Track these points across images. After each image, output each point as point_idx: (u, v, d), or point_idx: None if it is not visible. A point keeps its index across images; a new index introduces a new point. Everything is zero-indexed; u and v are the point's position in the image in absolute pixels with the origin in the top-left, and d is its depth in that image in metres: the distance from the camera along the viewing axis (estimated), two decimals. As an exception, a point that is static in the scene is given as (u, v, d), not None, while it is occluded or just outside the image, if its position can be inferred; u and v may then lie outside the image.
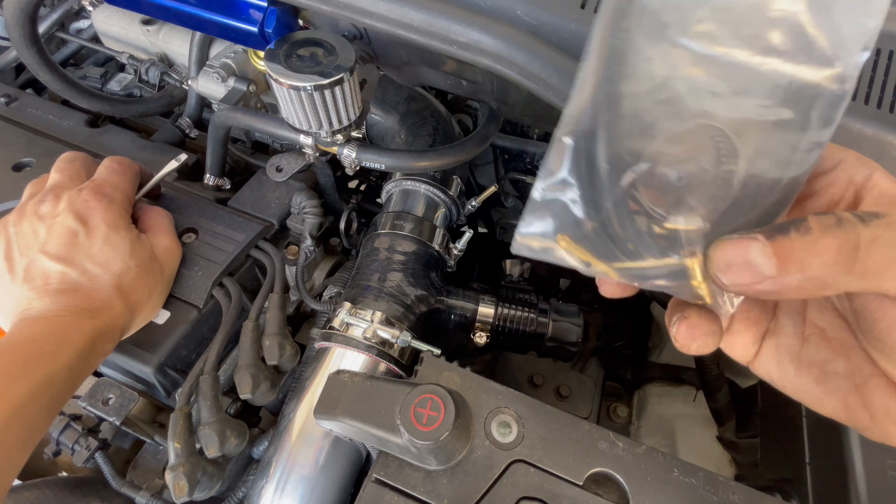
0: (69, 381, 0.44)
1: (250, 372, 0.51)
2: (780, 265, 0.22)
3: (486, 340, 0.58)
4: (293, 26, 0.51)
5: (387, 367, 0.51)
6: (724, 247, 0.24)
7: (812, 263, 0.22)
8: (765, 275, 0.23)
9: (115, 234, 0.49)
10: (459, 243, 0.62)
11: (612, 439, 0.40)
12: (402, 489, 0.38)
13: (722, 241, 0.24)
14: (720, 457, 0.65)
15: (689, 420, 0.70)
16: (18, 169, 0.63)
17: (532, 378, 0.70)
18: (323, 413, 0.40)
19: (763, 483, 0.52)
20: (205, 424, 0.48)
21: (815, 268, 0.22)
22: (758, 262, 0.23)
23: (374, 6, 0.42)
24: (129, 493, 0.51)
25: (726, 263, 0.24)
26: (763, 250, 0.23)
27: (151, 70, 0.72)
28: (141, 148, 0.67)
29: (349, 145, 0.54)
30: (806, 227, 0.22)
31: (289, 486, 0.46)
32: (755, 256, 0.23)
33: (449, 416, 0.36)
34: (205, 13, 0.51)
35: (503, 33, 0.40)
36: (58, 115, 0.70)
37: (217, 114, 0.60)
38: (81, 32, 0.83)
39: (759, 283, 0.23)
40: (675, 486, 0.38)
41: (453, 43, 0.41)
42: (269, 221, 0.61)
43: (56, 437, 0.51)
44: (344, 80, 0.47)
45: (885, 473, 0.40)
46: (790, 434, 0.49)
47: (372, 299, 0.53)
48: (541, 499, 0.37)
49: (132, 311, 0.49)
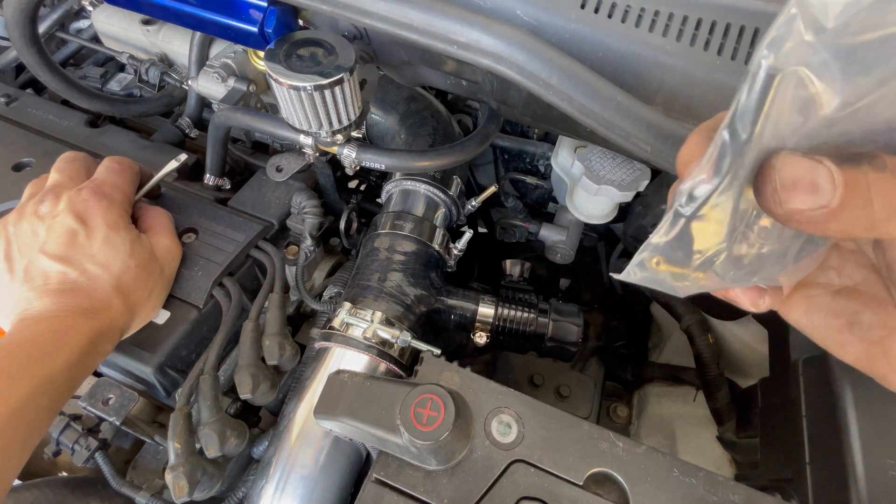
0: (69, 382, 0.44)
1: (250, 372, 0.51)
2: (845, 196, 0.21)
3: (486, 340, 0.58)
4: (293, 26, 0.51)
5: (387, 367, 0.51)
6: (795, 162, 0.21)
7: (877, 201, 0.21)
8: (825, 203, 0.21)
9: (115, 234, 0.49)
10: (459, 243, 0.62)
11: (612, 439, 0.40)
12: (402, 489, 0.38)
13: (790, 156, 0.21)
14: (720, 457, 0.65)
15: (689, 420, 0.70)
16: (18, 169, 0.63)
17: (532, 378, 0.70)
18: (323, 413, 0.40)
19: (763, 483, 0.52)
20: (205, 424, 0.48)
21: (878, 207, 0.21)
22: (824, 188, 0.21)
23: (374, 6, 0.42)
24: (129, 493, 0.51)
25: (793, 180, 0.21)
26: (831, 177, 0.21)
27: (151, 70, 0.72)
28: (141, 148, 0.67)
29: (349, 145, 0.54)
30: (881, 164, 0.21)
31: (289, 486, 0.46)
32: (823, 181, 0.21)
33: (449, 416, 0.36)
34: (205, 13, 0.51)
35: (503, 33, 0.40)
36: (58, 115, 0.70)
37: (217, 114, 0.60)
38: (81, 32, 0.83)
39: (816, 210, 0.21)
40: (675, 486, 0.38)
41: (453, 43, 0.41)
42: (269, 221, 0.61)
43: (56, 437, 0.51)
44: (344, 80, 0.47)
45: (885, 473, 0.40)
46: (790, 434, 0.49)
47: (372, 299, 0.53)
48: (541, 499, 0.37)
49: (132, 311, 0.49)
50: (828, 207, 0.21)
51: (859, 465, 0.40)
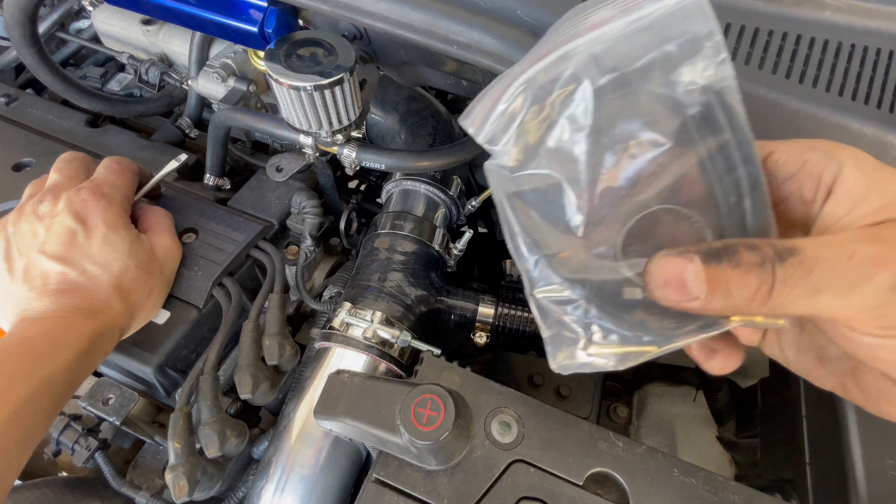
0: (69, 382, 0.44)
1: (250, 372, 0.51)
2: (709, 290, 0.25)
3: (486, 340, 0.58)
4: (293, 26, 0.52)
5: (387, 367, 0.51)
6: (664, 265, 0.26)
7: (735, 294, 0.25)
8: (695, 296, 0.25)
9: (114, 234, 0.49)
10: (459, 243, 0.62)
11: (612, 439, 0.40)
12: (402, 489, 0.38)
13: (662, 258, 0.26)
14: (720, 457, 0.65)
15: (689, 420, 0.70)
16: (18, 169, 0.63)
17: (532, 378, 0.70)
18: (323, 413, 0.40)
19: (763, 483, 0.52)
20: (205, 424, 0.48)
21: (737, 298, 0.25)
22: (690, 284, 0.25)
23: (374, 6, 0.42)
24: (129, 493, 0.51)
25: (664, 281, 0.26)
26: (697, 275, 0.25)
27: (151, 70, 0.71)
28: (141, 148, 0.67)
29: (349, 145, 0.54)
30: (738, 261, 0.24)
31: (289, 486, 0.46)
32: (689, 278, 0.25)
33: (449, 416, 0.36)
34: (205, 13, 0.51)
35: (503, 33, 0.40)
36: (58, 115, 0.70)
37: (217, 114, 0.60)
38: (81, 32, 0.83)
39: (688, 302, 0.25)
40: (675, 486, 0.38)
41: (453, 43, 0.41)
42: (269, 221, 0.61)
43: (56, 437, 0.51)
44: (344, 80, 0.47)
45: (885, 473, 0.40)
46: (790, 434, 0.49)
47: (372, 299, 0.53)
48: (541, 499, 0.37)
49: (132, 311, 0.49)
50: (698, 300, 0.25)
51: (859, 465, 0.40)
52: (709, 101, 0.26)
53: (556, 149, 0.28)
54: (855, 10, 0.42)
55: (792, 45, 0.41)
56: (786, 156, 0.28)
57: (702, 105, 0.26)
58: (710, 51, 0.26)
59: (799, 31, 0.41)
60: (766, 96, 0.40)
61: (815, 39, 0.41)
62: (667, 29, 0.26)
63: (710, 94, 0.26)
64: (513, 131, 0.28)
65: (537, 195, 0.29)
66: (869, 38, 0.41)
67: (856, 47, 0.41)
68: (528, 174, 0.28)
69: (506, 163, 0.28)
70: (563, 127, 0.27)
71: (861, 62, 0.41)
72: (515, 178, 0.29)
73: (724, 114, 0.26)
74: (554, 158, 0.28)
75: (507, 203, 0.29)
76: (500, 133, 0.28)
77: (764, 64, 0.41)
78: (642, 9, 0.26)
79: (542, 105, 0.27)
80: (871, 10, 0.42)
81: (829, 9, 0.42)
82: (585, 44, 0.26)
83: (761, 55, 0.41)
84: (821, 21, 0.41)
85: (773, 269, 0.24)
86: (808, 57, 0.41)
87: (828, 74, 0.41)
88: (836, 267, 0.24)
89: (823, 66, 0.41)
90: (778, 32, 0.41)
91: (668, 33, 0.26)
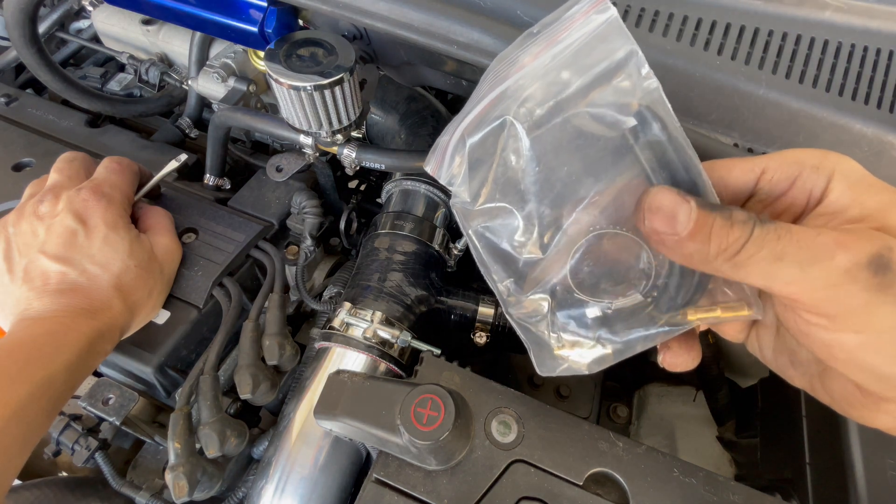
0: (68, 382, 0.44)
1: (250, 372, 0.51)
2: (693, 230, 0.26)
3: (486, 340, 0.58)
4: (293, 26, 0.51)
5: (387, 367, 0.51)
6: (662, 195, 0.27)
7: (712, 241, 0.26)
8: (678, 231, 0.27)
9: (114, 234, 0.49)
10: (459, 243, 0.62)
11: (612, 439, 0.40)
12: (402, 489, 0.38)
13: (662, 190, 0.28)
14: (720, 457, 0.65)
15: (689, 420, 0.70)
16: (18, 169, 0.63)
17: (532, 378, 0.70)
18: (323, 413, 0.40)
19: (763, 483, 0.52)
20: (205, 424, 0.48)
21: (713, 247, 0.26)
22: (680, 219, 0.26)
23: (374, 6, 0.42)
24: (129, 493, 0.51)
25: (657, 207, 0.27)
26: (689, 213, 0.26)
27: (151, 70, 0.71)
28: (141, 148, 0.67)
29: (349, 145, 0.54)
30: (729, 215, 0.26)
31: (289, 486, 0.46)
32: (681, 213, 0.26)
33: (449, 416, 0.36)
34: (205, 13, 0.51)
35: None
36: (58, 115, 0.70)
37: (217, 114, 0.60)
38: (81, 32, 0.83)
39: (669, 235, 0.27)
40: (675, 486, 0.38)
41: (453, 43, 0.41)
42: (269, 221, 0.61)
43: (56, 437, 0.51)
44: (344, 80, 0.47)
45: (885, 473, 0.40)
46: (790, 434, 0.49)
47: (372, 299, 0.53)
48: (541, 499, 0.37)
49: (132, 311, 0.49)
50: (678, 235, 0.27)
51: (859, 465, 0.40)
52: (641, 114, 0.28)
53: (504, 183, 0.31)
54: (855, 10, 0.42)
55: (792, 45, 0.41)
56: (778, 174, 0.29)
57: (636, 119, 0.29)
58: (633, 68, 0.28)
59: (799, 31, 0.41)
60: (766, 96, 0.40)
61: (815, 39, 0.41)
62: (590, 54, 0.28)
63: (642, 108, 0.28)
64: (464, 173, 0.31)
65: (496, 225, 0.32)
66: (869, 38, 0.41)
67: (856, 47, 0.41)
68: (485, 207, 0.32)
69: (466, 198, 0.32)
70: (506, 163, 0.30)
71: (861, 62, 0.41)
72: (476, 211, 0.32)
73: (658, 124, 0.28)
74: (503, 191, 0.31)
75: (473, 236, 0.33)
76: (456, 175, 0.31)
77: (764, 64, 0.41)
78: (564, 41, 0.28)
79: (485, 146, 0.30)
80: (871, 10, 0.42)
81: (829, 9, 0.42)
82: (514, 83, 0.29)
83: (761, 55, 0.41)
84: (821, 21, 0.42)
85: (753, 227, 0.26)
86: (808, 57, 0.41)
87: (828, 74, 0.41)
88: (801, 240, 0.25)
89: (823, 66, 0.41)
90: (778, 32, 0.41)
91: (591, 59, 0.28)
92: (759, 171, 0.29)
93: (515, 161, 0.30)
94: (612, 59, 0.28)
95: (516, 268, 0.32)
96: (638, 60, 0.28)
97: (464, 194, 0.32)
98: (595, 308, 0.32)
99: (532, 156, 0.30)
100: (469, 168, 0.31)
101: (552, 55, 0.28)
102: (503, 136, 0.30)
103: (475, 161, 0.31)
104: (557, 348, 0.33)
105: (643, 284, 0.31)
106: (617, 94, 0.28)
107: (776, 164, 0.29)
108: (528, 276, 0.33)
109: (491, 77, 0.31)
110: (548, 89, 0.29)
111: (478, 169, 0.31)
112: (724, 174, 0.30)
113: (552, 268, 0.32)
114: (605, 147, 0.29)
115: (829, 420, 0.44)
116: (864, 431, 0.41)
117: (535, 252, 0.32)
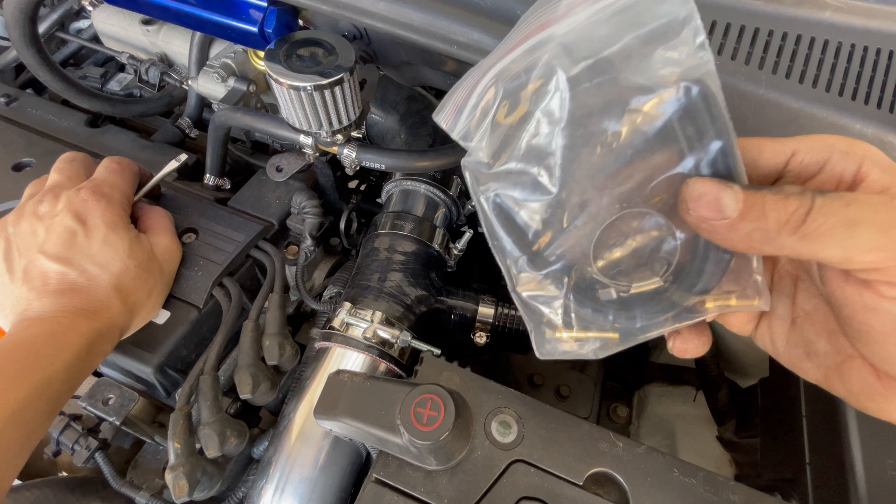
0: (68, 383, 0.44)
1: (250, 372, 0.51)
2: (744, 209, 0.25)
3: (486, 340, 0.58)
4: (293, 26, 0.51)
5: (387, 367, 0.51)
6: (703, 182, 0.26)
7: (770, 216, 0.24)
8: (727, 214, 0.25)
9: (114, 234, 0.49)
10: (459, 243, 0.62)
11: (612, 439, 0.40)
12: (402, 489, 0.38)
13: (699, 178, 0.26)
14: (720, 457, 0.65)
15: (689, 420, 0.70)
16: (18, 169, 0.63)
17: (532, 378, 0.70)
18: (323, 413, 0.40)
19: (763, 483, 0.52)
20: (205, 424, 0.48)
21: (771, 221, 0.24)
22: (725, 203, 0.25)
23: (374, 6, 0.42)
24: (129, 493, 0.51)
25: (699, 194, 0.26)
26: (735, 195, 0.25)
27: (151, 70, 0.71)
28: (141, 148, 0.67)
29: (349, 145, 0.54)
30: (779, 188, 0.25)
31: (289, 486, 0.46)
32: (725, 198, 0.25)
33: (449, 416, 0.36)
34: (205, 13, 0.51)
35: (503, 33, 0.40)
36: (58, 115, 0.70)
37: (217, 114, 0.60)
38: (81, 32, 0.83)
39: (718, 220, 0.25)
40: (675, 486, 0.38)
41: (453, 43, 0.41)
42: (269, 221, 0.61)
43: (56, 437, 0.51)
44: (344, 80, 0.47)
45: (885, 473, 0.40)
46: (790, 434, 0.49)
47: (372, 299, 0.53)
48: (541, 499, 0.37)
49: (131, 311, 0.49)
50: (729, 220, 0.25)
51: (859, 465, 0.40)
52: (688, 87, 0.25)
53: (532, 143, 0.27)
54: (855, 10, 0.42)
55: (792, 45, 0.41)
56: (809, 156, 0.27)
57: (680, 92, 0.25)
58: (688, 34, 0.24)
59: (799, 31, 0.41)
60: (766, 96, 0.40)
61: (815, 39, 0.41)
62: (641, 13, 0.24)
63: (690, 81, 0.25)
64: (486, 126, 0.27)
65: (515, 192, 0.28)
66: (869, 38, 0.41)
67: (856, 47, 0.41)
68: (504, 170, 0.28)
69: (481, 159, 0.28)
70: (538, 120, 0.27)
71: (861, 62, 0.41)
72: (492, 174, 0.28)
73: (704, 102, 0.26)
74: (529, 153, 0.27)
75: (485, 202, 0.29)
76: (474, 129, 0.27)
77: (764, 64, 0.41)
78: None
79: (516, 98, 0.26)
80: (871, 10, 0.42)
81: (829, 9, 0.42)
82: (557, 32, 0.25)
83: (761, 55, 0.41)
84: (821, 21, 0.41)
85: (813, 197, 0.24)
86: (808, 57, 0.41)
87: (828, 74, 0.41)
88: (876, 205, 0.23)
89: (823, 66, 0.41)
90: (778, 32, 0.41)
91: (642, 17, 0.25)
92: (790, 153, 0.28)
93: (547, 121, 0.26)
94: (666, 22, 0.24)
95: (530, 242, 0.29)
96: (695, 28, 0.24)
97: (481, 153, 0.27)
98: (611, 290, 0.30)
99: (568, 118, 0.26)
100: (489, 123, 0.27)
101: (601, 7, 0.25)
102: (546, 88, 0.26)
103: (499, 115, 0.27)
104: (566, 330, 0.31)
105: (664, 269, 0.29)
106: (665, 62, 0.25)
107: (807, 146, 0.27)
108: (542, 252, 0.29)
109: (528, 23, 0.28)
110: (590, 45, 0.25)
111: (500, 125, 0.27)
112: (756, 154, 0.28)
113: (571, 245, 0.29)
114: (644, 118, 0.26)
115: (829, 420, 0.44)
116: (864, 431, 0.41)
117: (556, 227, 0.28)
